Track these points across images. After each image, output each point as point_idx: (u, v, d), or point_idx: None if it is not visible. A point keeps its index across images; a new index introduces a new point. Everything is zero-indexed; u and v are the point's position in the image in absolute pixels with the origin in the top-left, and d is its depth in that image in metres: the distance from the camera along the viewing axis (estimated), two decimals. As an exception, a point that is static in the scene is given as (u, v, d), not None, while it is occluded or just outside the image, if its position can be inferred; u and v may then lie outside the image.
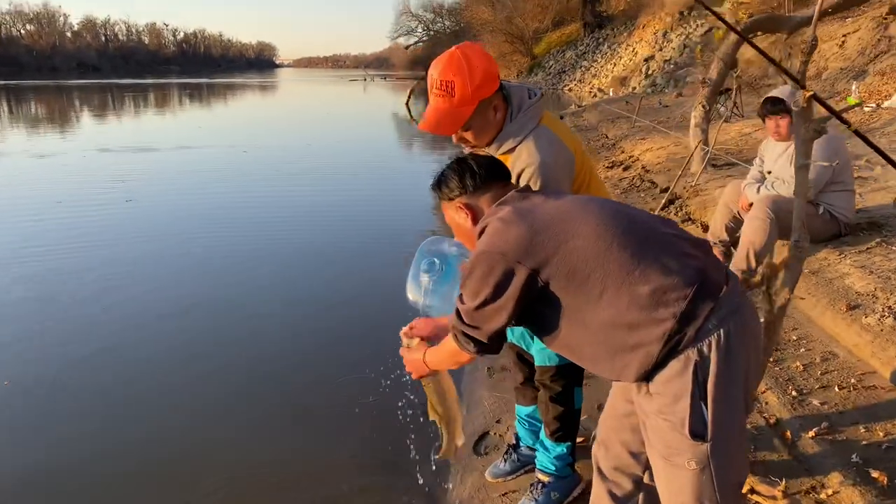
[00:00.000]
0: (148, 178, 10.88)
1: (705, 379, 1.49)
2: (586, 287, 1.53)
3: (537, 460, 2.60)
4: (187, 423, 3.61)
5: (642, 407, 1.62)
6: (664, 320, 1.48)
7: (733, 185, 4.67)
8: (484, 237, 1.64)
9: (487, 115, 2.05)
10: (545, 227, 1.57)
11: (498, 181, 1.83)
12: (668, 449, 1.57)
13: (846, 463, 2.49)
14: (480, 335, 1.66)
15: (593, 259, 1.53)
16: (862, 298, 3.47)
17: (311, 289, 5.74)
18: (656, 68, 23.16)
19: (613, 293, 1.51)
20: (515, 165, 2.06)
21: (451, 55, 1.99)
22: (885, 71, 9.84)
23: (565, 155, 2.10)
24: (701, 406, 1.50)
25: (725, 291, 1.54)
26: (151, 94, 42.58)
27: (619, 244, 1.53)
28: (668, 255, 1.54)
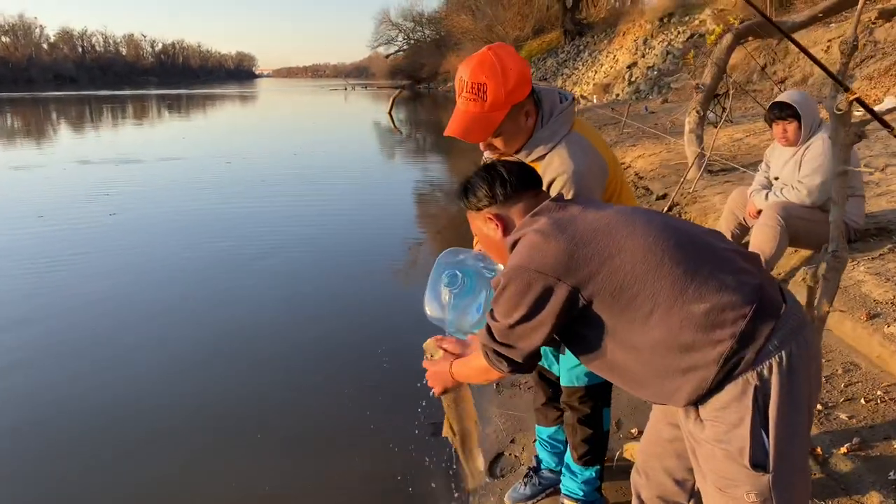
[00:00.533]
0: (132, 190, 10.65)
1: (766, 404, 1.37)
2: (634, 306, 1.41)
3: (563, 485, 2.47)
4: (181, 450, 3.45)
5: (693, 434, 1.50)
6: (721, 341, 1.36)
7: (739, 192, 4.59)
8: (519, 250, 1.51)
9: (519, 120, 1.91)
10: (588, 241, 1.45)
11: (530, 189, 1.70)
12: (724, 479, 1.45)
13: (884, 481, 2.39)
14: (514, 354, 1.55)
15: (642, 275, 1.40)
16: (881, 307, 3.39)
17: (310, 301, 5.59)
18: (640, 75, 23.24)
19: (665, 312, 1.39)
20: (546, 174, 1.93)
21: (482, 56, 1.85)
22: (872, 75, 9.88)
23: (598, 163, 1.97)
24: (762, 434, 1.39)
25: (785, 309, 1.43)
26: (130, 105, 42.11)
27: (672, 259, 1.41)
28: (724, 270, 1.42)
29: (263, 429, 3.57)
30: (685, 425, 1.53)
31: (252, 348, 4.61)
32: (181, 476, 3.21)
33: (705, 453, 1.48)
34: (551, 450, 2.63)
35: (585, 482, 2.41)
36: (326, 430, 3.56)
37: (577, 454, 2.38)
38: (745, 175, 6.61)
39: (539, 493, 2.68)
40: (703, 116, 7.29)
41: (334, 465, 3.25)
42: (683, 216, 6.14)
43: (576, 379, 2.30)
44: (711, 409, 1.43)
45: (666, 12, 27.16)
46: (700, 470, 1.53)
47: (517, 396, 3.63)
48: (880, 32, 10.71)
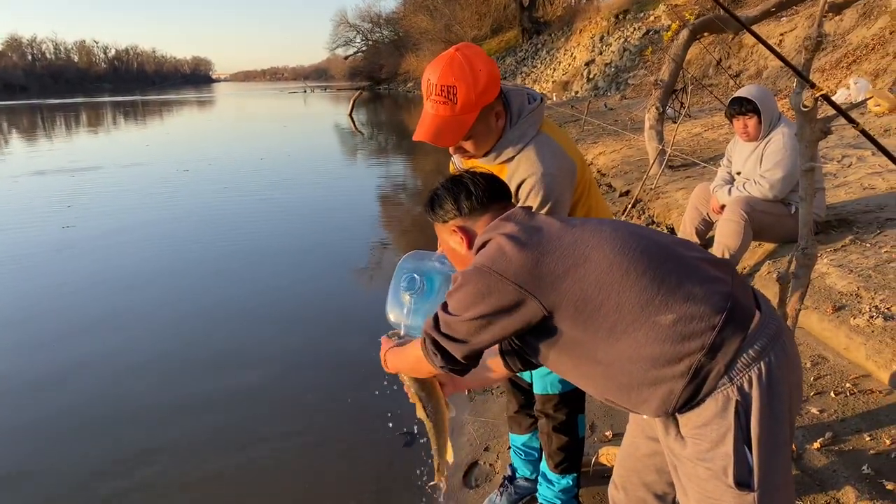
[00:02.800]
0: (87, 201, 10.36)
1: (748, 420, 1.33)
2: (598, 317, 1.36)
3: (540, 494, 2.43)
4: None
5: (674, 451, 1.46)
6: (690, 354, 1.32)
7: (702, 187, 4.61)
8: (485, 251, 1.46)
9: (489, 122, 1.86)
10: (552, 250, 1.40)
11: (497, 202, 1.64)
12: (708, 499, 1.40)
13: (858, 475, 2.39)
14: (454, 349, 1.48)
15: (607, 286, 1.35)
16: (846, 299, 3.42)
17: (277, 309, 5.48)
18: (598, 72, 23.44)
19: (630, 324, 1.34)
20: (515, 176, 1.89)
21: (451, 57, 1.79)
22: (824, 68, 10.06)
23: (567, 165, 1.93)
24: (745, 451, 1.34)
25: (760, 317, 1.38)
26: (84, 113, 41.16)
27: (637, 269, 1.36)
28: (693, 280, 1.37)
29: (227, 447, 3.47)
30: (665, 441, 1.49)
31: (212, 357, 4.49)
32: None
33: (687, 472, 1.44)
34: (526, 458, 2.59)
35: (563, 490, 2.37)
36: (291, 441, 3.46)
37: (554, 462, 2.34)
38: (705, 170, 6.67)
39: (516, 503, 2.63)
40: (662, 112, 7.34)
41: (303, 476, 3.16)
42: (647, 212, 6.17)
43: (549, 386, 2.25)
44: (692, 425, 1.38)
45: (621, 9, 27.49)
46: (682, 488, 1.49)
47: (490, 402, 3.58)
48: (830, 25, 10.93)
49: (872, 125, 6.93)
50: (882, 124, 6.83)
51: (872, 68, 8.87)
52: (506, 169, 1.94)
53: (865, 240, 4.03)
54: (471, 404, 3.58)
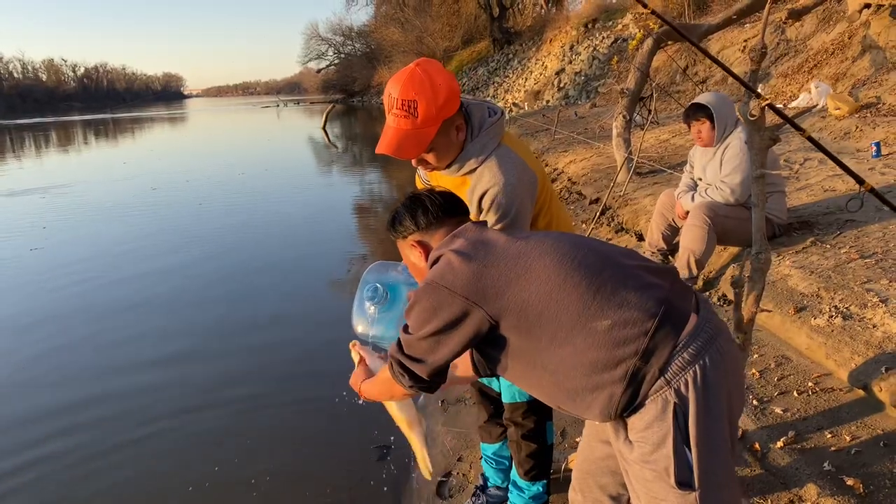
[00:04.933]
0: (59, 222, 10.24)
1: (687, 421, 1.38)
2: (540, 325, 1.42)
3: (511, 502, 2.45)
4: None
5: (623, 454, 1.51)
6: (625, 359, 1.38)
7: (667, 194, 4.69)
8: (435, 267, 1.54)
9: (450, 135, 1.92)
10: (496, 263, 1.47)
11: (453, 217, 1.73)
12: (655, 500, 1.45)
13: (819, 472, 2.45)
14: (418, 369, 1.58)
15: (546, 296, 1.42)
16: (807, 299, 3.50)
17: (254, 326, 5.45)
18: (568, 81, 23.66)
19: (569, 331, 1.40)
20: (477, 187, 1.95)
21: (411, 72, 1.83)
22: (787, 73, 10.27)
23: (528, 176, 1.98)
24: (685, 451, 1.39)
25: (696, 320, 1.43)
26: (53, 132, 40.65)
27: (574, 278, 1.42)
28: (628, 287, 1.43)
29: (195, 462, 3.45)
30: (616, 445, 1.53)
31: (185, 371, 4.46)
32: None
33: (635, 474, 1.49)
34: (497, 466, 2.61)
35: (533, 497, 2.40)
36: (263, 458, 3.46)
37: (523, 470, 2.37)
38: (672, 176, 6.77)
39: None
40: (629, 120, 7.44)
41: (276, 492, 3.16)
42: (616, 219, 6.25)
43: (517, 395, 2.29)
44: (637, 429, 1.43)
45: (590, 18, 27.79)
46: (634, 490, 1.54)
47: (463, 413, 3.61)
48: (791, 31, 11.16)
49: (833, 128, 7.09)
50: (842, 127, 6.98)
51: (833, 72, 9.07)
52: (468, 181, 1.99)
53: (826, 241, 4.13)
54: (444, 416, 3.61)
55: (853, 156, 6.02)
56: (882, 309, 3.15)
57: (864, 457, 2.51)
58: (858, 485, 2.36)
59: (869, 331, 3.05)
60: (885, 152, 5.76)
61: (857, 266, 3.68)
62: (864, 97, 7.55)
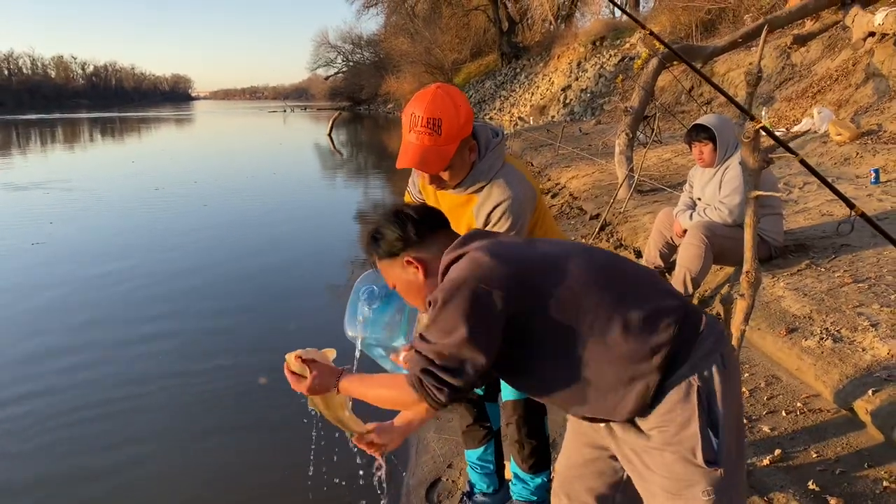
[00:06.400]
0: (63, 217, 10.31)
1: (710, 403, 1.45)
2: (576, 320, 1.46)
3: (515, 492, 2.53)
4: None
5: (635, 446, 1.54)
6: (661, 347, 1.44)
7: (665, 213, 4.74)
8: (460, 266, 1.50)
9: (464, 154, 2.07)
10: (525, 259, 1.51)
11: (442, 229, 1.71)
12: (679, 482, 1.49)
13: (804, 491, 2.48)
14: (456, 378, 1.46)
15: (582, 287, 1.47)
16: (799, 321, 3.54)
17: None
18: (573, 97, 23.80)
19: (605, 324, 1.45)
20: (486, 203, 2.10)
21: (434, 93, 1.99)
22: (791, 97, 10.34)
23: (530, 192, 2.16)
24: (709, 432, 1.45)
25: (707, 319, 1.53)
26: (60, 128, 40.85)
27: (605, 273, 1.52)
28: (648, 282, 1.54)
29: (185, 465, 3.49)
30: (622, 441, 1.57)
31: (184, 378, 4.50)
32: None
33: (656, 461, 1.51)
34: (482, 471, 2.65)
35: (538, 487, 2.48)
36: (246, 454, 3.49)
37: (527, 465, 2.44)
38: (672, 195, 6.82)
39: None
40: (632, 138, 7.51)
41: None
42: (615, 235, 6.30)
43: (517, 393, 2.36)
44: (658, 415, 1.47)
45: (598, 36, 27.95)
46: (645, 480, 1.56)
47: (455, 420, 3.63)
48: (797, 56, 11.25)
49: (834, 154, 7.15)
50: (843, 153, 7.04)
51: (836, 98, 9.14)
52: (474, 199, 2.15)
53: (820, 265, 4.17)
54: (435, 423, 3.64)
55: (852, 182, 6.07)
56: (872, 333, 3.20)
57: (848, 476, 2.55)
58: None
59: (858, 354, 3.09)
60: (884, 179, 5.81)
61: (850, 290, 3.73)
62: (866, 124, 7.61)
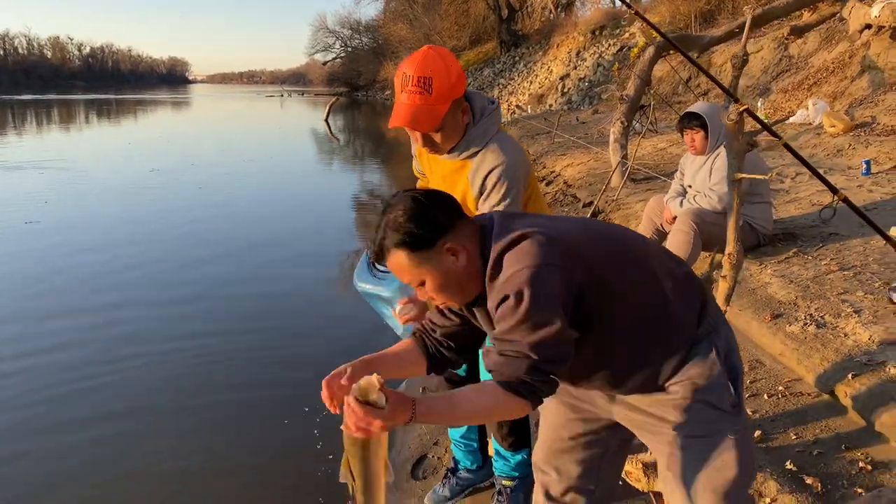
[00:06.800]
0: (58, 197, 10.30)
1: (728, 356, 1.59)
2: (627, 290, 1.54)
3: (497, 469, 2.56)
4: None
5: (643, 406, 1.63)
6: (695, 313, 1.57)
7: (656, 199, 4.77)
8: (526, 252, 1.44)
9: (457, 116, 2.05)
10: (569, 234, 1.54)
11: (460, 214, 1.60)
12: (708, 427, 1.58)
13: (781, 471, 2.53)
14: (561, 366, 1.44)
15: (626, 263, 1.56)
16: (784, 307, 3.58)
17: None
18: (572, 86, 23.74)
19: (647, 298, 1.54)
20: (481, 168, 2.08)
21: (425, 54, 1.98)
22: (787, 88, 10.36)
23: (525, 161, 2.14)
24: (729, 382, 1.58)
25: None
26: (56, 109, 40.66)
27: (635, 244, 1.63)
28: (666, 257, 1.65)
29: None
30: (630, 403, 1.66)
31: (171, 360, 4.52)
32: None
33: (677, 413, 1.58)
34: (465, 449, 2.69)
35: (518, 464, 2.51)
36: (230, 428, 3.53)
37: (508, 443, 2.47)
38: (665, 184, 6.84)
39: (458, 494, 2.73)
40: (626, 126, 7.52)
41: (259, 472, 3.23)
42: (607, 222, 6.33)
43: None
44: (681, 373, 1.57)
45: (598, 25, 27.87)
46: (660, 434, 1.63)
47: (442, 400, 3.68)
48: (794, 48, 11.25)
49: (827, 145, 7.18)
50: (836, 145, 7.08)
51: (832, 90, 9.16)
52: (468, 165, 2.13)
53: (808, 252, 4.21)
54: (424, 401, 3.68)
55: (844, 173, 6.10)
56: (854, 319, 3.24)
57: (825, 458, 2.59)
58: (817, 483, 2.44)
59: (840, 339, 3.14)
60: (875, 170, 5.85)
61: (836, 277, 3.77)
62: (860, 116, 7.63)
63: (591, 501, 1.88)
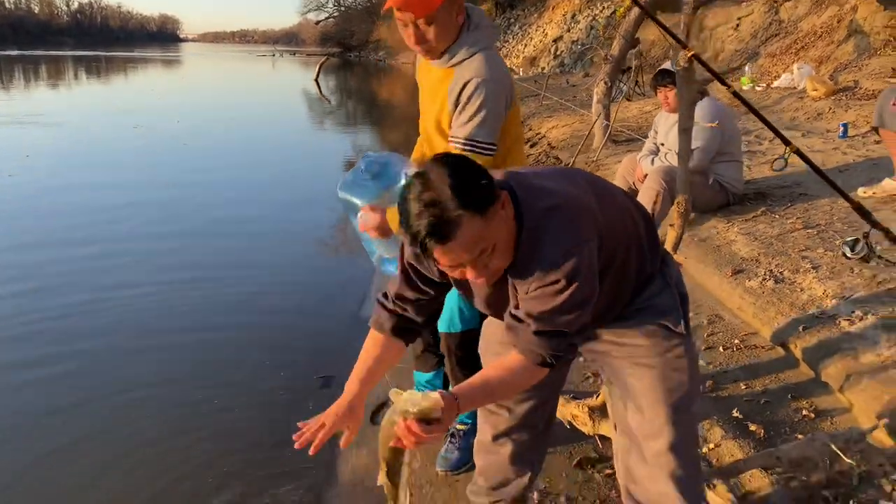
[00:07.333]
0: (39, 151, 10.21)
1: (678, 285, 1.74)
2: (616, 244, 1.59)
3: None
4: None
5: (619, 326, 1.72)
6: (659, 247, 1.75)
7: (630, 158, 4.79)
8: (564, 227, 1.46)
9: (452, 13, 2.03)
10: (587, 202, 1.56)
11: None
12: (665, 345, 1.70)
13: (728, 418, 2.59)
14: (581, 332, 1.57)
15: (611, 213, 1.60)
16: (746, 263, 3.62)
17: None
18: (564, 49, 23.53)
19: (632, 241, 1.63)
20: (460, 78, 2.05)
21: None
22: (775, 53, 10.31)
23: (508, 81, 2.12)
24: (680, 307, 1.72)
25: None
26: (44, 65, 40.05)
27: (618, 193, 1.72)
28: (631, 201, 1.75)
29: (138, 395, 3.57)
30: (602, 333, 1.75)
31: (157, 327, 4.54)
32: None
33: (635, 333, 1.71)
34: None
35: (471, 413, 2.53)
36: (209, 392, 3.57)
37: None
38: (646, 144, 6.85)
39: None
40: (610, 87, 7.49)
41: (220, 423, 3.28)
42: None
43: (451, 325, 2.40)
44: (640, 299, 1.70)
45: (593, -13, 27.48)
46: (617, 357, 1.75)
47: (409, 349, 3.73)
48: (785, 12, 11.16)
49: (808, 109, 7.17)
50: (817, 108, 7.07)
51: (818, 55, 9.12)
52: (452, 74, 2.10)
53: (776, 211, 4.25)
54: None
55: (822, 136, 6.11)
56: (812, 274, 3.28)
57: (772, 406, 2.65)
58: (760, 430, 2.50)
59: (796, 293, 3.18)
60: (852, 133, 5.86)
61: (800, 235, 3.81)
62: (843, 80, 7.62)
63: (535, 436, 1.96)
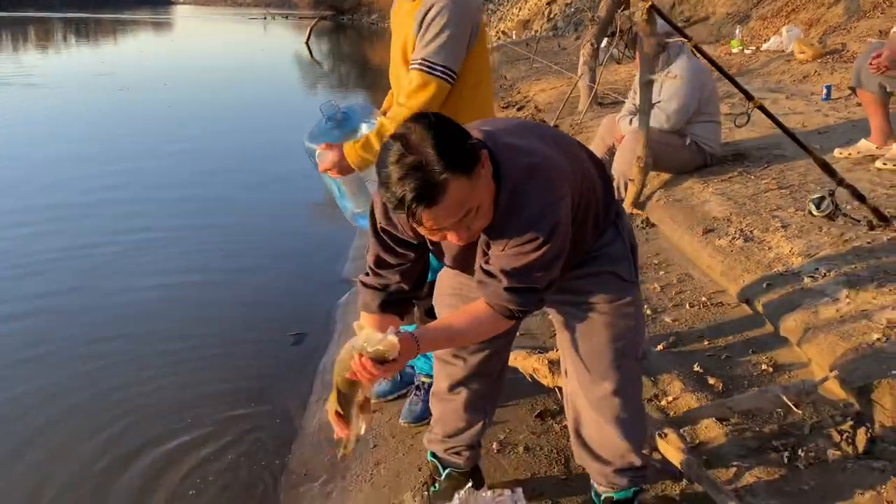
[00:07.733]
0: (19, 110, 10.12)
1: (629, 235, 1.81)
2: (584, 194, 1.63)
3: (417, 367, 2.60)
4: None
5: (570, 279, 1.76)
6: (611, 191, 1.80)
7: (609, 119, 4.77)
8: (542, 186, 1.48)
9: None
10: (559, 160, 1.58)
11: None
12: (617, 294, 1.77)
13: (688, 373, 2.62)
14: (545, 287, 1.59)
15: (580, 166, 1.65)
16: (718, 223, 3.63)
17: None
18: (558, 11, 23.23)
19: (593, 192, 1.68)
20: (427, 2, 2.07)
21: None
22: (766, 16, 10.20)
23: (474, 11, 2.13)
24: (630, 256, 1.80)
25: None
26: (32, 27, 39.39)
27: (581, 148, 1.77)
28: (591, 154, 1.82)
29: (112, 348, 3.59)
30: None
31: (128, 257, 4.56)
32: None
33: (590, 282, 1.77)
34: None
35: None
36: (181, 345, 3.59)
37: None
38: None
39: (397, 389, 2.78)
40: (596, 49, 7.41)
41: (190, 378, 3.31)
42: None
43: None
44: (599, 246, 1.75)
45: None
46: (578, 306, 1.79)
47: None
48: (777, -26, 11.01)
49: (794, 71, 7.13)
50: (803, 71, 7.03)
51: (808, 18, 9.03)
52: (419, 5, 2.12)
53: (752, 172, 4.25)
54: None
55: (806, 98, 6.07)
56: (781, 233, 3.29)
57: (732, 361, 2.69)
58: (719, 384, 2.54)
59: (763, 252, 3.20)
60: (836, 96, 5.83)
61: (773, 195, 3.81)
62: (832, 43, 7.56)
63: (489, 385, 1.99)
